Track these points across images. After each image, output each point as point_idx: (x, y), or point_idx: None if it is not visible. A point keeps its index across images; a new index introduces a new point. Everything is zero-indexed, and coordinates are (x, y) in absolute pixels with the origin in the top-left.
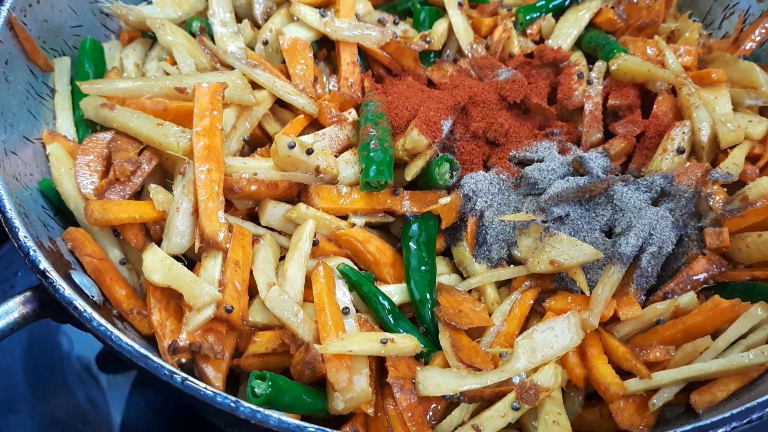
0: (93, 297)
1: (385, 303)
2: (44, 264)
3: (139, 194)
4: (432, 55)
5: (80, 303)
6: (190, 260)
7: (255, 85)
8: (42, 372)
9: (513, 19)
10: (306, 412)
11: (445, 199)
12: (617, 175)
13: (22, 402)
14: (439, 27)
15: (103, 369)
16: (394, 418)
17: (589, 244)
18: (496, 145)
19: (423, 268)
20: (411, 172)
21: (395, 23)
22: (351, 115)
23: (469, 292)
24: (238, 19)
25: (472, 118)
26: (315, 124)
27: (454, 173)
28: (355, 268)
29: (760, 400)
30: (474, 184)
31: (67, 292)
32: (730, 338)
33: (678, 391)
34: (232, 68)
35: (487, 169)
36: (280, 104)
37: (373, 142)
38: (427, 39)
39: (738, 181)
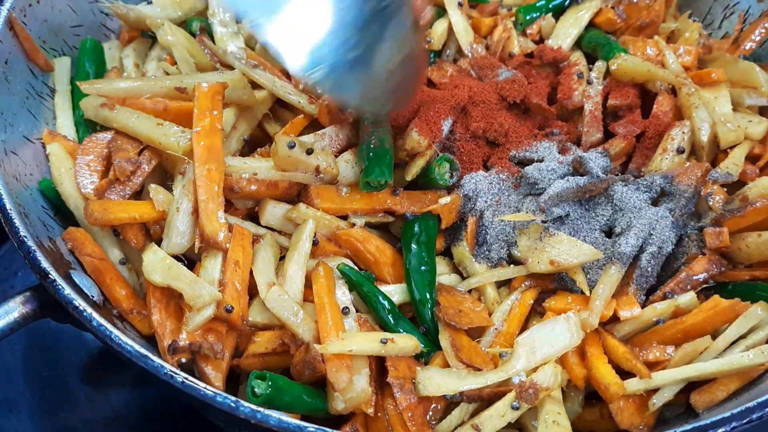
0: (93, 297)
1: (385, 303)
2: (44, 264)
3: (139, 194)
4: (432, 55)
5: (80, 303)
6: (190, 260)
7: (255, 85)
8: (42, 372)
9: (513, 18)
10: (306, 411)
11: (445, 199)
12: (617, 175)
13: (22, 402)
14: (439, 27)
15: (103, 369)
16: (394, 418)
17: (589, 244)
18: (496, 145)
19: (423, 268)
20: (411, 173)
21: None
22: (351, 115)
23: (469, 292)
24: (238, 19)
25: (472, 118)
26: (315, 124)
27: (454, 173)
28: (355, 268)
29: (759, 400)
30: (474, 184)
31: (67, 291)
32: (730, 338)
33: (678, 391)
34: (232, 68)
35: (487, 169)
36: (280, 104)
37: (373, 141)
38: (428, 39)
39: (738, 181)
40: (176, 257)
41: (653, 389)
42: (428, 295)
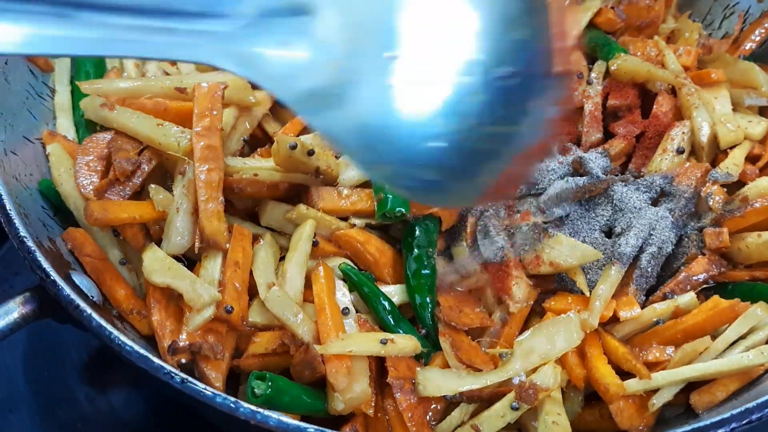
0: (93, 297)
1: (386, 303)
2: (44, 264)
3: (139, 194)
4: None
5: (80, 303)
6: (190, 260)
7: (255, 85)
8: (42, 372)
9: None
10: (306, 412)
11: None
12: (617, 175)
13: (22, 402)
14: None
15: (103, 369)
16: (394, 419)
17: (589, 245)
18: None
19: (424, 271)
20: None
21: None
22: None
23: (470, 292)
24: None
25: None
26: None
27: None
28: (356, 268)
29: (759, 400)
30: None
31: (68, 292)
32: (729, 339)
33: (678, 391)
34: None
35: None
36: (280, 103)
37: None
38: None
39: (738, 181)
40: (176, 257)
41: (653, 390)
42: (428, 299)
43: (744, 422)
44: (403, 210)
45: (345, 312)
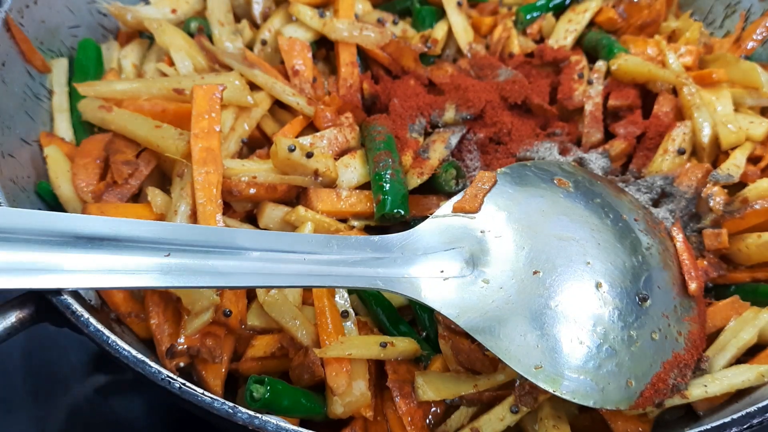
0: (90, 301)
1: (385, 306)
2: None
3: (137, 197)
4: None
5: (77, 308)
6: None
7: (254, 86)
8: (41, 372)
9: (513, 18)
10: (305, 415)
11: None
12: (617, 176)
13: (21, 402)
14: (440, 31)
15: (102, 369)
16: (393, 422)
17: None
18: (498, 143)
19: None
20: (415, 181)
21: (394, 23)
22: (348, 119)
23: None
24: (237, 19)
25: (476, 122)
26: (314, 125)
27: (460, 180)
28: None
29: (760, 405)
30: None
31: (65, 295)
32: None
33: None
34: (230, 69)
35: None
36: (279, 105)
37: (389, 172)
38: (428, 45)
39: (739, 182)
40: None
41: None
42: None
43: (745, 426)
44: (402, 211)
45: (344, 315)
